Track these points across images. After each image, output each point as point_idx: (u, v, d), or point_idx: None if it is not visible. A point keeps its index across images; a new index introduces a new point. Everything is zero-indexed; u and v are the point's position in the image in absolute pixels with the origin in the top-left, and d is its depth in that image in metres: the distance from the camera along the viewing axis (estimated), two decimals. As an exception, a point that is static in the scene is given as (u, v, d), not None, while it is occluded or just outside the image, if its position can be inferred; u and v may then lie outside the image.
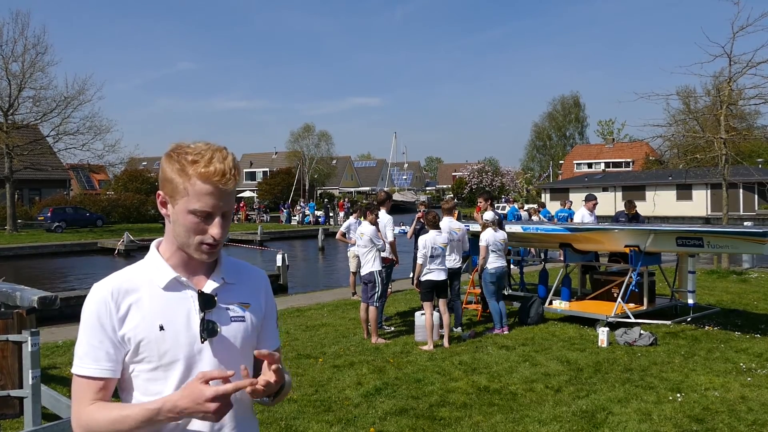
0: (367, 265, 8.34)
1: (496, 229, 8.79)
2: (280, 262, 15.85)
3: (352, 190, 79.29)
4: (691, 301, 9.11)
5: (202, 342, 1.54)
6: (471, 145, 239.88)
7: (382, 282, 8.34)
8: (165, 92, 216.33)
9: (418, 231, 9.44)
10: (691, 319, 9.08)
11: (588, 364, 6.95)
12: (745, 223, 23.12)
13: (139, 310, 1.52)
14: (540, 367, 6.90)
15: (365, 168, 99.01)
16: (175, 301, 1.55)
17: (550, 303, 9.59)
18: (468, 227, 10.09)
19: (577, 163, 71.92)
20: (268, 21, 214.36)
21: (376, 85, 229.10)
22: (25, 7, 77.50)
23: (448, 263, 8.23)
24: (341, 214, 42.17)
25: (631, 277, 8.76)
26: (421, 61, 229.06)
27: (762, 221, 36.77)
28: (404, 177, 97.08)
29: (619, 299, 8.72)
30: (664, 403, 5.66)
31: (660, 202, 30.31)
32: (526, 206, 25.92)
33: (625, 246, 8.82)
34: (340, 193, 74.68)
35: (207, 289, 1.58)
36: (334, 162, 79.62)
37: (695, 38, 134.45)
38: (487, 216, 8.97)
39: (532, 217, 18.73)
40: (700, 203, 44.25)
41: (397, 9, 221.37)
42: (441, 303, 8.04)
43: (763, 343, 7.83)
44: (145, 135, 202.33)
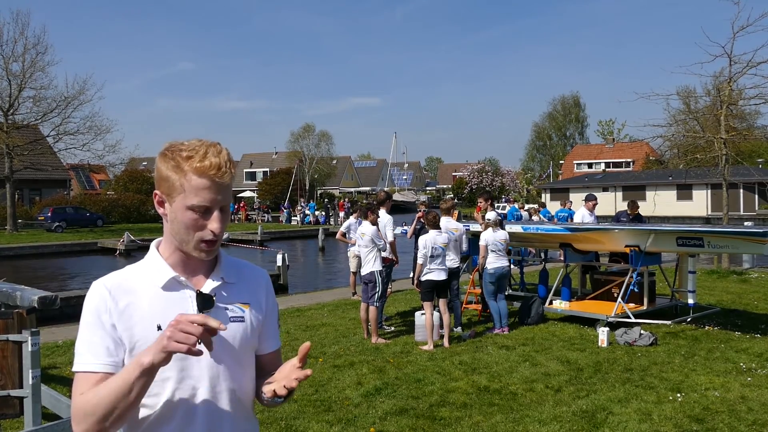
0: (368, 265, 8.34)
1: (496, 229, 8.78)
2: (280, 262, 15.86)
3: (353, 190, 79.37)
4: (691, 301, 9.12)
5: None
6: (471, 145, 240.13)
7: (383, 282, 8.34)
8: (165, 92, 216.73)
9: (419, 231, 9.43)
10: (691, 319, 9.08)
11: (588, 364, 6.95)
12: (746, 223, 23.10)
13: (138, 309, 1.51)
14: (540, 367, 6.90)
15: (365, 168, 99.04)
16: (174, 301, 1.54)
17: (551, 303, 9.60)
18: (468, 227, 10.09)
19: (577, 163, 71.93)
20: (268, 21, 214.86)
21: (376, 85, 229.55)
22: (25, 7, 77.41)
23: (446, 263, 8.22)
24: (341, 214, 42.22)
25: (632, 277, 8.77)
26: (421, 61, 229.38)
27: (762, 221, 36.76)
28: (404, 177, 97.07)
29: (620, 299, 8.72)
30: (664, 403, 5.66)
31: (660, 202, 30.28)
32: (527, 206, 25.90)
33: (626, 246, 8.82)
34: (340, 193, 74.75)
35: (206, 289, 1.57)
36: (334, 162, 79.55)
37: (695, 38, 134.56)
38: (489, 216, 8.97)
39: (533, 217, 18.72)
40: (700, 203, 44.26)
41: (397, 9, 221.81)
42: (441, 303, 8.04)
43: (763, 343, 7.83)
44: (145, 135, 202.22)
